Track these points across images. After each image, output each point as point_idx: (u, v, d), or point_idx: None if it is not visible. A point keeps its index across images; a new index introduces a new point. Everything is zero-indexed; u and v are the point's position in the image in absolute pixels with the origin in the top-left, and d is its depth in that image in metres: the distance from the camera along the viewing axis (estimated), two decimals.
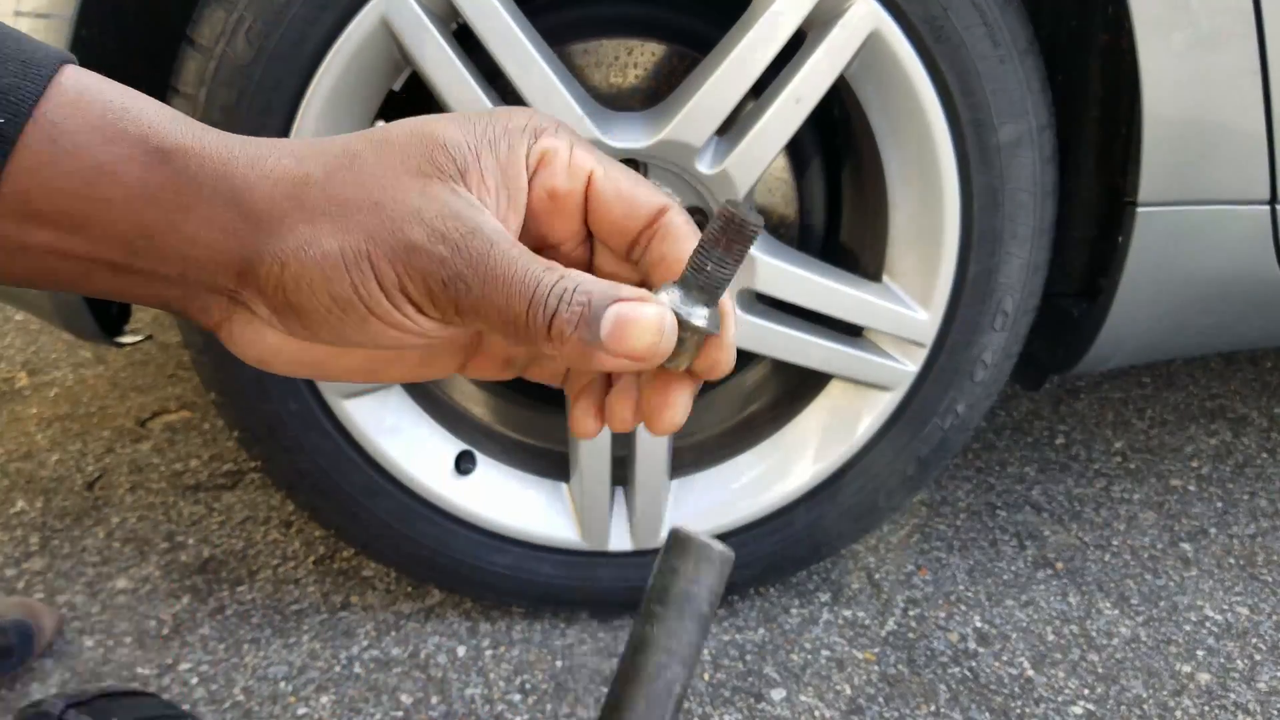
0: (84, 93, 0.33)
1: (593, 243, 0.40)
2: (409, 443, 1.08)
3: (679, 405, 0.38)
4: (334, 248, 0.34)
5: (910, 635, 1.17)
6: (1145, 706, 1.07)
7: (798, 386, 1.17)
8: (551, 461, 1.15)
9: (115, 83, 0.35)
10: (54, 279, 0.35)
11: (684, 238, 0.38)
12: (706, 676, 1.11)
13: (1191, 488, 1.48)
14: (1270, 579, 1.28)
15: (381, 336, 0.36)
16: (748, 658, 1.13)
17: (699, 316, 0.35)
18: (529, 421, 1.23)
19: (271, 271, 0.35)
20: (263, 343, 0.38)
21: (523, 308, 0.34)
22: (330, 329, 0.36)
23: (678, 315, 0.34)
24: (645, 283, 0.39)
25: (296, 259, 0.34)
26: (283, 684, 1.09)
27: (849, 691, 1.09)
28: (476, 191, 0.35)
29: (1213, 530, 1.38)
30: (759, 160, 0.94)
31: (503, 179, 0.36)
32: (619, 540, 1.12)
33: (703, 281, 0.34)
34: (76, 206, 0.33)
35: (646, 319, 0.33)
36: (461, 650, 1.14)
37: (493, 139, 0.36)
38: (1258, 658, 1.14)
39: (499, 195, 0.36)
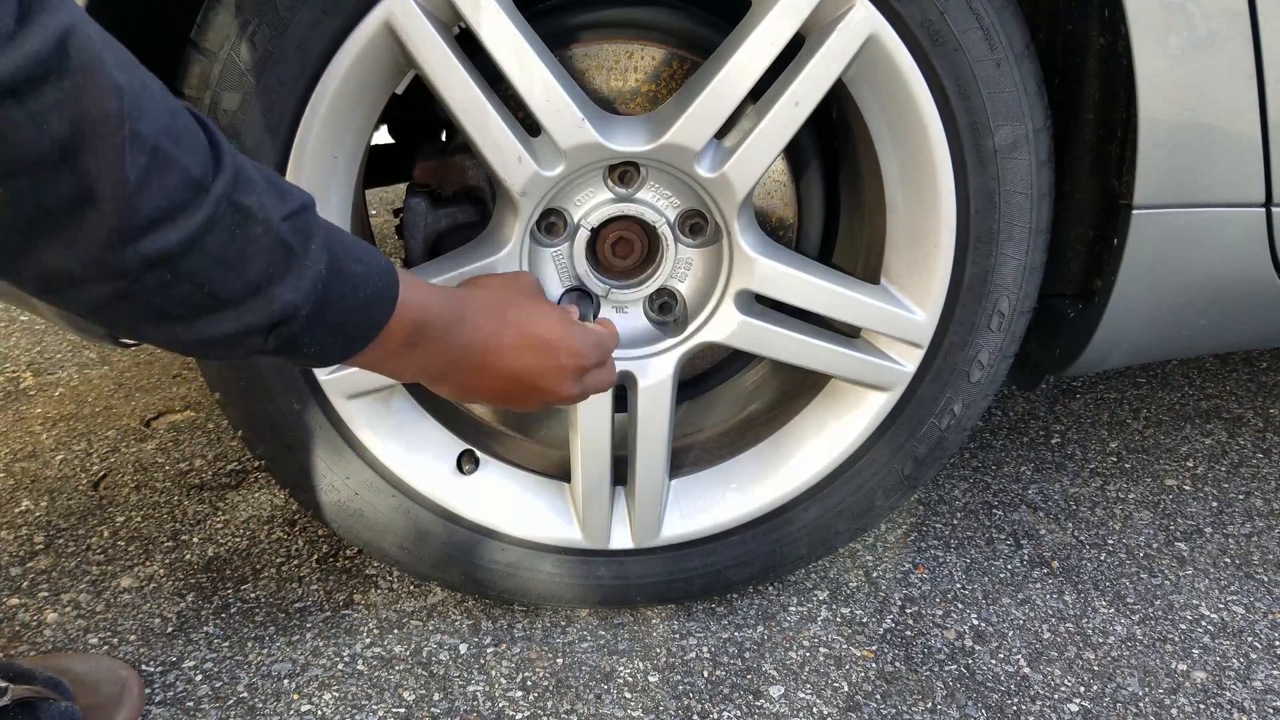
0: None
1: None
2: (411, 442, 1.09)
3: None
4: None
5: (907, 633, 1.18)
6: (1141, 704, 1.08)
7: (796, 387, 1.18)
8: (552, 461, 1.16)
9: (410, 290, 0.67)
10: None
11: None
12: (705, 674, 1.12)
13: (1187, 487, 1.49)
14: (1266, 578, 1.29)
15: None
16: (746, 655, 1.14)
17: None
18: (531, 421, 1.24)
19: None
20: None
21: None
22: None
23: None
24: None
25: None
26: (286, 681, 1.10)
27: (847, 689, 1.10)
28: None
29: (1208, 530, 1.39)
30: (758, 163, 0.95)
31: None
32: (620, 539, 1.13)
33: None
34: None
35: None
36: (463, 648, 1.15)
37: None
38: (1253, 656, 1.15)
39: None
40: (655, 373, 1.05)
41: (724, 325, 1.04)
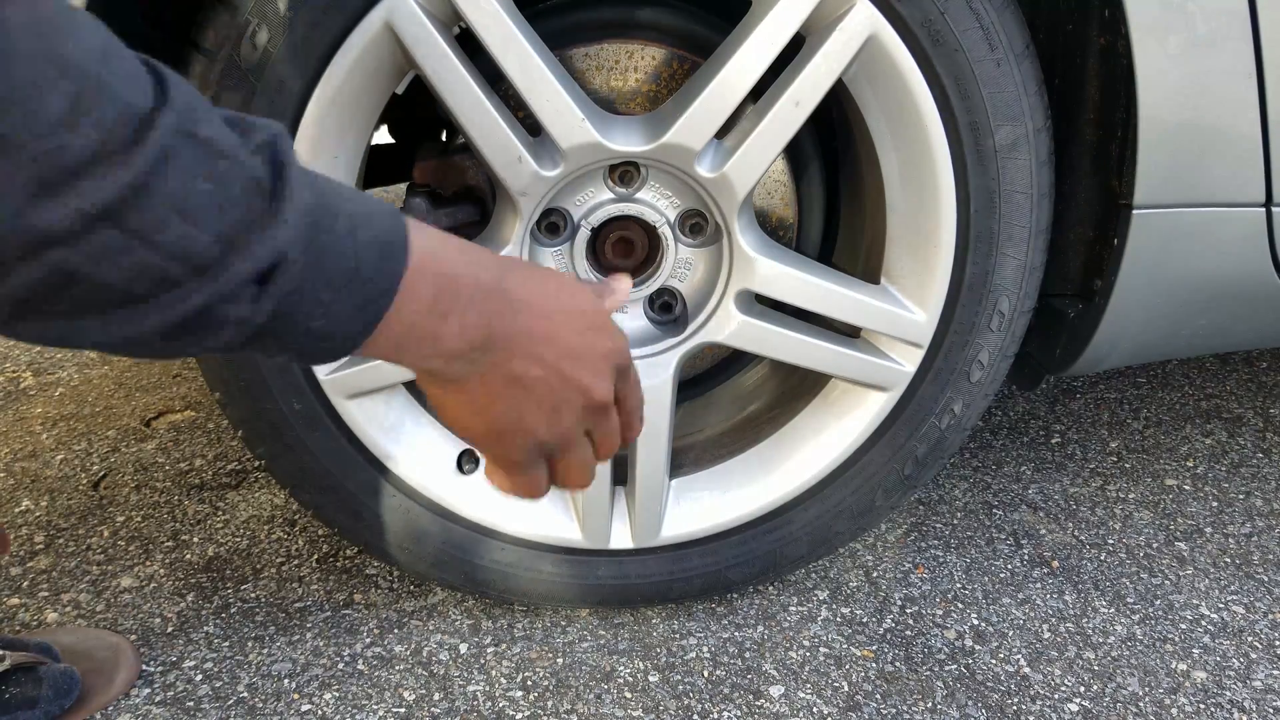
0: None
1: None
2: (411, 442, 1.09)
3: None
4: None
5: (908, 633, 1.18)
6: (1141, 704, 1.08)
7: (796, 387, 1.18)
8: None
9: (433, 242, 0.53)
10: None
11: None
12: (706, 673, 1.12)
13: (1187, 487, 1.49)
14: (1265, 578, 1.29)
15: None
16: (746, 655, 1.14)
17: None
18: None
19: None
20: None
21: None
22: None
23: None
24: None
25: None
26: (286, 681, 1.10)
27: (847, 688, 1.10)
28: None
29: (1208, 529, 1.39)
30: (758, 163, 0.95)
31: None
32: (619, 539, 1.13)
33: None
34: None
35: None
36: (464, 647, 1.15)
37: None
38: (1253, 656, 1.15)
39: None
40: (655, 373, 1.05)
41: (724, 325, 1.04)
